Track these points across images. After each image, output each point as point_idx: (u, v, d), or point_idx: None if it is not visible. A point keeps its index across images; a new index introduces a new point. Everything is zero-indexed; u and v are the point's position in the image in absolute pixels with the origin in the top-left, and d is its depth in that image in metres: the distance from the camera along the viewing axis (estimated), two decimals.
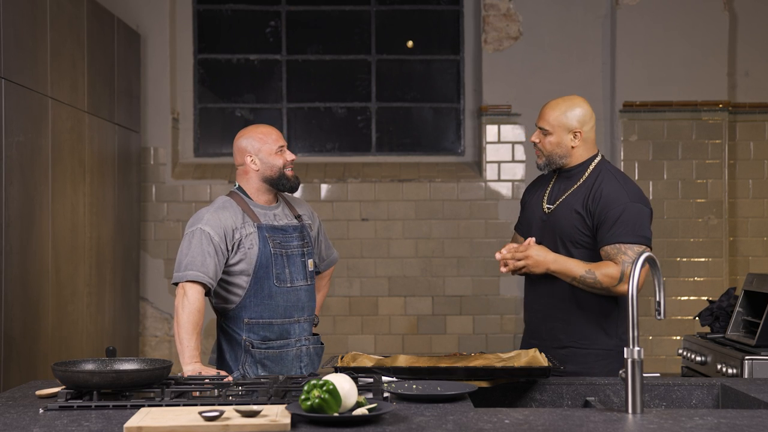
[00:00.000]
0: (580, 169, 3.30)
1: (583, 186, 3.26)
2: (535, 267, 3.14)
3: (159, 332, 6.22)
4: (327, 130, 6.63)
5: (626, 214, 3.14)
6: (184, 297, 3.15)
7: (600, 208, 3.17)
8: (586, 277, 3.12)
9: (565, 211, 3.25)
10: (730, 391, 2.83)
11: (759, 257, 6.22)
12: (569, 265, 3.14)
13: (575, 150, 3.28)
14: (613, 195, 3.18)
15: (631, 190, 3.23)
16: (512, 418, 2.29)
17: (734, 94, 6.23)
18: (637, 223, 3.15)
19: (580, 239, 3.21)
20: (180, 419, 2.19)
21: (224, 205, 3.34)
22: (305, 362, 3.38)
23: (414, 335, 6.26)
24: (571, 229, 3.22)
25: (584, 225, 3.21)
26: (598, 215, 3.17)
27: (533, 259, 3.13)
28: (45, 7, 4.52)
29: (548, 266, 3.14)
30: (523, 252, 3.14)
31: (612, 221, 3.14)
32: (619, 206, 3.15)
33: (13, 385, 3.95)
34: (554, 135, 3.27)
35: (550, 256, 3.15)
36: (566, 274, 3.14)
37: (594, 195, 3.20)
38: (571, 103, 3.30)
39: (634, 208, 3.17)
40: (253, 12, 6.60)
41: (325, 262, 3.64)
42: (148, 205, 6.24)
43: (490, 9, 6.25)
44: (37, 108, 4.42)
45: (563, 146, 3.27)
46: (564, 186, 3.32)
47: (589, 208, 3.20)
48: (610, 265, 3.12)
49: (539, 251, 3.15)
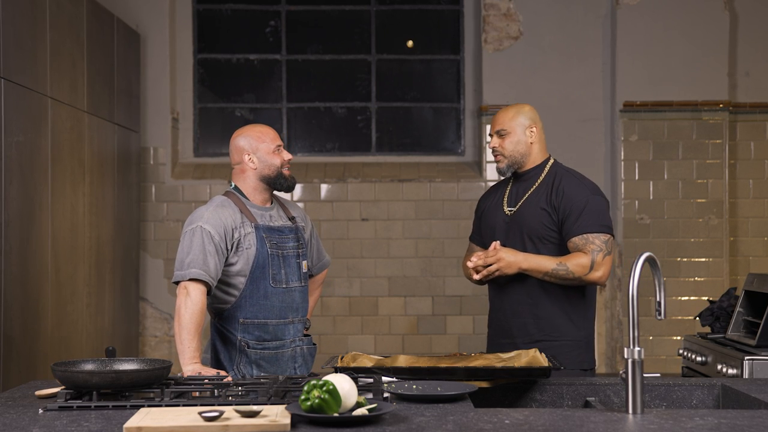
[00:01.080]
0: (536, 171, 3.44)
1: (544, 185, 3.39)
2: (507, 268, 3.25)
3: (159, 332, 6.22)
4: (327, 130, 6.63)
5: (589, 206, 3.28)
6: (187, 297, 3.14)
7: (564, 202, 3.30)
8: (558, 270, 3.23)
9: (530, 210, 3.37)
10: (731, 391, 2.82)
11: (759, 257, 6.22)
12: (540, 261, 3.25)
13: (533, 147, 3.43)
14: (575, 189, 3.33)
15: (590, 184, 3.38)
16: (512, 418, 2.28)
17: (735, 94, 6.23)
18: (600, 214, 3.29)
19: (547, 235, 3.33)
20: (180, 419, 2.18)
21: (223, 204, 3.33)
22: (299, 363, 3.38)
23: (414, 335, 6.26)
24: (537, 226, 3.33)
25: (550, 220, 3.32)
26: (563, 209, 3.30)
27: (505, 260, 3.24)
28: (44, 6, 4.51)
29: (520, 265, 3.25)
30: (493, 256, 3.25)
31: (577, 213, 3.27)
32: (581, 199, 3.29)
33: (13, 386, 3.95)
34: (512, 134, 3.43)
35: (520, 256, 3.26)
36: (538, 270, 3.25)
37: (557, 191, 3.34)
38: (520, 106, 3.50)
39: (596, 200, 3.31)
40: (252, 12, 6.60)
41: (318, 266, 3.64)
42: (147, 205, 6.23)
43: (490, 9, 6.25)
44: (36, 108, 4.41)
45: (522, 143, 3.43)
46: (522, 188, 3.45)
47: (554, 203, 3.32)
48: (580, 256, 3.24)
49: (508, 253, 3.26)
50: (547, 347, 3.26)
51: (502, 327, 3.43)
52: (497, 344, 3.42)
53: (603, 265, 3.23)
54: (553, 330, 3.32)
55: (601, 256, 3.23)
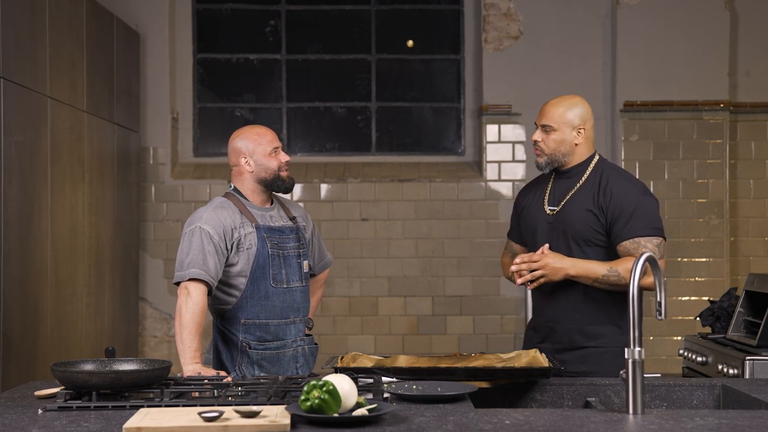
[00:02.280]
0: (580, 169, 3.26)
1: (588, 184, 3.22)
2: (553, 275, 3.10)
3: (158, 332, 6.21)
4: (327, 130, 6.62)
5: (640, 208, 3.12)
6: (188, 297, 3.13)
7: (612, 204, 3.14)
8: (609, 276, 3.08)
9: (575, 211, 3.20)
10: (731, 391, 2.82)
11: (760, 257, 6.21)
12: (589, 266, 3.10)
13: (578, 148, 3.25)
14: (624, 190, 3.16)
15: (639, 184, 3.22)
16: (513, 418, 2.28)
17: (735, 94, 6.22)
18: (651, 216, 3.13)
19: (594, 238, 3.18)
20: (179, 420, 2.18)
21: (222, 205, 3.33)
22: (301, 363, 3.38)
23: (414, 335, 6.26)
24: (583, 228, 3.18)
25: (597, 223, 3.17)
26: (612, 211, 3.14)
27: (551, 267, 3.08)
28: (44, 6, 4.51)
29: (567, 272, 3.10)
30: (538, 261, 3.09)
31: (627, 216, 3.11)
32: (631, 201, 3.13)
33: (12, 386, 3.94)
34: (558, 132, 3.23)
35: (567, 262, 3.10)
36: (587, 276, 3.10)
37: (604, 192, 3.17)
38: (574, 100, 3.29)
39: (647, 201, 3.16)
40: (252, 11, 6.59)
41: (319, 265, 3.63)
42: (147, 205, 6.23)
43: (490, 8, 6.25)
44: (36, 108, 4.41)
45: (567, 143, 3.24)
46: (565, 186, 3.27)
47: (601, 205, 3.16)
48: (632, 261, 3.07)
49: (555, 258, 3.10)
50: (593, 354, 3.17)
51: (544, 332, 3.29)
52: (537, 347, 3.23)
53: None
54: (598, 336, 3.19)
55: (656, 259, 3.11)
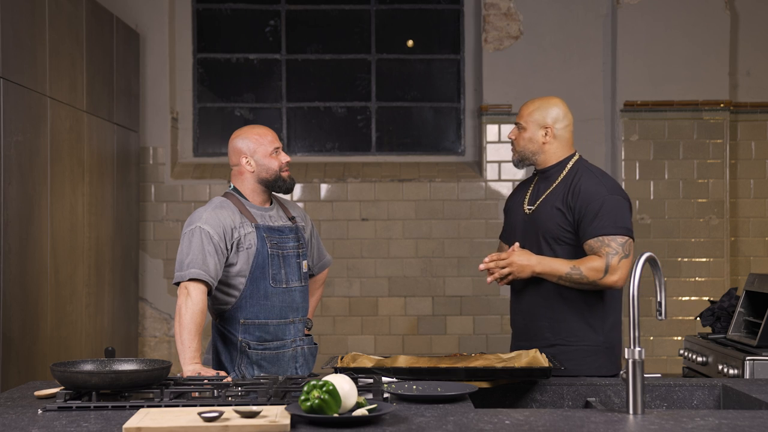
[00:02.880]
0: (557, 169, 3.34)
1: (562, 183, 3.29)
2: (520, 272, 3.18)
3: (158, 333, 6.21)
4: (327, 130, 6.62)
5: (606, 206, 3.17)
6: (188, 297, 3.13)
7: (580, 202, 3.20)
8: (572, 274, 3.14)
9: (546, 209, 3.28)
10: (732, 391, 2.82)
11: (760, 257, 6.21)
12: (554, 264, 3.17)
13: (547, 147, 3.33)
14: (592, 189, 3.21)
15: (609, 183, 3.26)
16: (513, 418, 2.28)
17: (735, 94, 6.22)
18: (617, 215, 3.18)
19: (563, 236, 3.24)
20: (179, 420, 2.18)
21: (222, 205, 3.33)
22: (300, 362, 3.38)
23: (414, 336, 6.25)
24: (553, 227, 3.24)
25: (565, 221, 3.23)
26: (579, 210, 3.20)
27: (517, 264, 3.17)
28: (44, 6, 4.51)
29: (533, 269, 3.18)
30: (506, 259, 3.18)
31: (593, 215, 3.17)
32: (598, 199, 3.18)
33: (12, 386, 3.94)
34: (528, 130, 3.33)
35: (534, 259, 3.18)
36: (552, 274, 3.17)
37: (573, 190, 3.23)
38: (548, 101, 3.37)
39: (613, 200, 3.20)
40: (252, 11, 6.59)
41: (318, 265, 3.63)
42: (147, 205, 6.23)
43: (490, 8, 6.24)
44: (35, 107, 4.41)
45: (535, 142, 3.33)
46: (543, 186, 3.35)
47: (569, 203, 3.23)
48: (594, 259, 3.14)
49: (521, 256, 3.18)
50: (563, 351, 3.20)
51: (520, 330, 3.36)
52: (517, 347, 3.34)
53: (619, 269, 3.12)
54: (569, 335, 3.23)
55: (617, 259, 3.12)
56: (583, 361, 3.21)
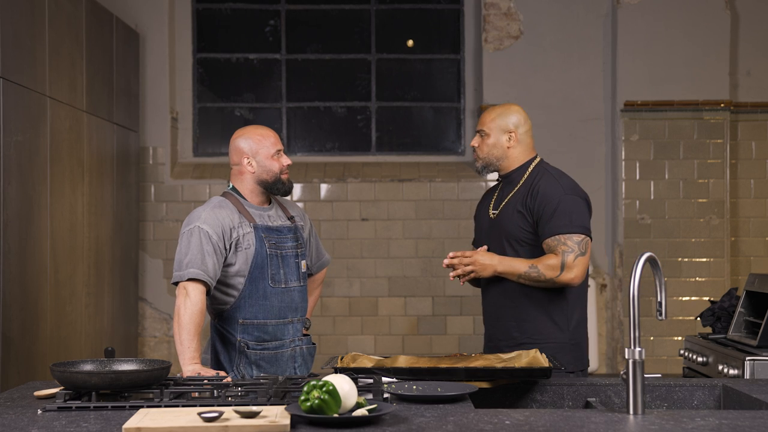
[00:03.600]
0: (519, 173, 3.42)
1: (523, 186, 3.38)
2: (482, 271, 3.25)
3: (158, 333, 6.21)
4: (327, 130, 6.62)
5: (562, 206, 3.25)
6: (187, 297, 3.13)
7: (537, 203, 3.28)
8: (530, 272, 3.22)
9: (509, 213, 3.36)
10: (732, 391, 2.81)
11: (761, 257, 6.21)
12: (513, 264, 3.25)
13: (511, 151, 3.41)
14: (549, 190, 3.29)
15: (566, 183, 3.34)
16: (513, 418, 2.28)
17: (736, 94, 6.22)
18: (573, 214, 3.25)
19: (525, 237, 3.31)
20: (179, 420, 2.17)
21: (220, 204, 3.32)
22: (299, 362, 3.37)
23: (414, 336, 6.25)
24: (515, 229, 3.32)
25: (526, 223, 3.31)
26: (537, 211, 3.28)
27: (480, 263, 3.25)
28: (43, 6, 4.50)
29: (495, 268, 3.25)
30: (469, 258, 3.25)
31: (549, 214, 3.25)
32: (554, 199, 3.27)
33: (12, 386, 3.94)
34: (491, 136, 3.41)
35: (495, 259, 3.26)
36: (512, 273, 3.25)
37: (532, 192, 3.32)
38: (508, 108, 3.46)
39: (569, 199, 3.28)
40: (252, 11, 6.58)
41: (317, 265, 3.62)
42: (146, 205, 6.22)
43: (490, 8, 6.24)
44: (35, 107, 4.40)
45: (499, 147, 3.40)
46: (507, 190, 3.44)
47: (528, 205, 3.31)
48: (551, 257, 3.22)
49: (484, 256, 3.26)
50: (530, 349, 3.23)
51: (489, 331, 3.44)
52: (488, 347, 3.43)
53: (575, 267, 3.18)
54: (534, 333, 3.29)
55: (572, 257, 3.19)
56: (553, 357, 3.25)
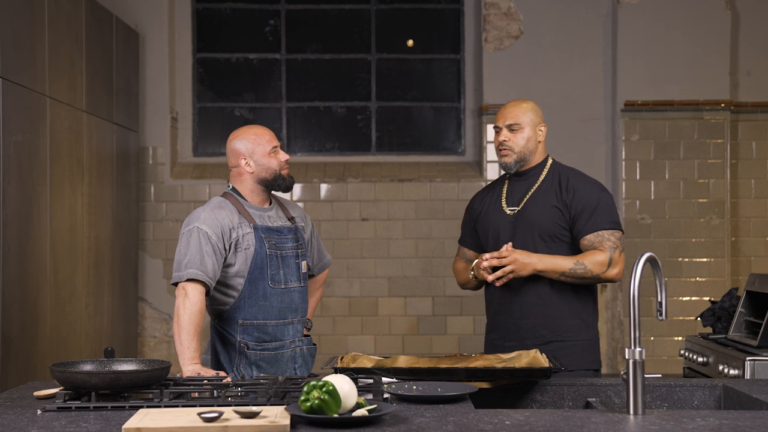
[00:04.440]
0: (536, 170, 3.41)
1: (548, 183, 3.37)
2: (522, 270, 3.21)
3: (158, 333, 6.20)
4: (327, 130, 6.61)
5: (602, 203, 3.29)
6: (186, 298, 3.12)
7: (576, 200, 3.29)
8: (576, 269, 3.21)
9: (539, 208, 3.33)
10: (732, 392, 2.81)
11: (761, 257, 6.20)
12: (555, 261, 3.22)
13: (540, 146, 3.42)
14: (586, 187, 3.32)
15: (596, 182, 3.39)
16: (513, 419, 2.27)
17: (736, 94, 6.21)
18: (611, 211, 3.30)
19: (559, 233, 3.30)
20: (179, 420, 2.17)
21: (220, 205, 3.32)
22: (299, 363, 3.37)
23: (414, 336, 6.25)
24: (548, 224, 3.30)
25: (562, 218, 3.30)
26: (575, 207, 3.28)
27: (520, 262, 3.20)
28: (43, 5, 4.50)
29: (535, 267, 3.21)
30: (508, 257, 3.20)
31: (590, 211, 3.27)
32: (593, 197, 3.29)
33: (11, 386, 3.93)
34: (526, 129, 3.38)
35: (534, 257, 3.22)
36: (554, 270, 3.22)
37: (567, 188, 3.32)
38: (533, 103, 3.46)
39: (606, 197, 3.32)
40: (252, 11, 6.58)
41: (318, 266, 3.62)
42: (146, 205, 6.22)
43: (490, 8, 6.24)
44: (35, 107, 4.40)
45: (533, 140, 3.39)
46: (523, 186, 3.40)
47: (566, 201, 3.30)
48: (597, 253, 3.23)
49: (522, 254, 3.22)
50: (559, 348, 3.24)
51: (509, 330, 3.36)
52: (502, 347, 3.34)
53: (619, 262, 3.25)
54: (564, 331, 3.29)
55: (617, 252, 3.24)
56: (578, 356, 3.27)
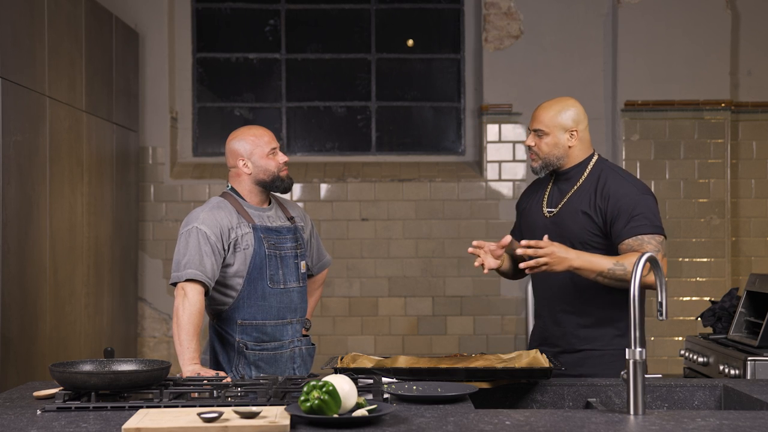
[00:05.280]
0: (578, 170, 3.25)
1: (586, 186, 3.22)
2: (557, 264, 2.98)
3: (157, 333, 6.20)
4: (327, 130, 6.61)
5: (640, 206, 3.10)
6: (185, 298, 3.12)
7: (611, 204, 3.13)
8: (615, 270, 3.02)
9: (571, 213, 3.19)
10: (733, 392, 2.81)
11: (761, 257, 6.20)
12: (594, 259, 3.03)
13: (572, 150, 3.24)
14: (623, 190, 3.14)
15: (637, 183, 3.21)
16: (513, 419, 2.27)
17: (737, 93, 6.21)
18: (652, 215, 3.12)
19: (591, 240, 3.15)
20: (178, 420, 2.17)
21: (219, 205, 3.32)
22: (298, 363, 3.37)
23: (414, 336, 6.24)
24: (580, 231, 3.16)
25: (593, 225, 3.15)
26: (611, 212, 3.12)
27: (557, 255, 2.97)
28: (43, 5, 4.50)
29: (571, 263, 3.00)
30: (545, 248, 2.97)
31: (628, 215, 3.09)
32: (631, 200, 3.11)
33: (11, 386, 3.93)
34: (551, 135, 3.22)
35: (572, 253, 3.02)
36: (591, 269, 3.02)
37: (602, 193, 3.16)
38: (565, 103, 3.27)
39: (647, 200, 3.14)
40: (252, 10, 6.58)
41: (318, 266, 3.61)
42: (146, 205, 6.22)
43: (490, 7, 6.23)
44: (34, 107, 4.40)
45: (560, 146, 3.23)
46: (564, 188, 3.27)
47: (599, 206, 3.15)
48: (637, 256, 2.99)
49: (561, 248, 3.00)
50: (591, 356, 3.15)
51: (543, 335, 3.28)
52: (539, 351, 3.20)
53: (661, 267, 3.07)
54: (595, 339, 3.17)
55: (659, 257, 3.03)
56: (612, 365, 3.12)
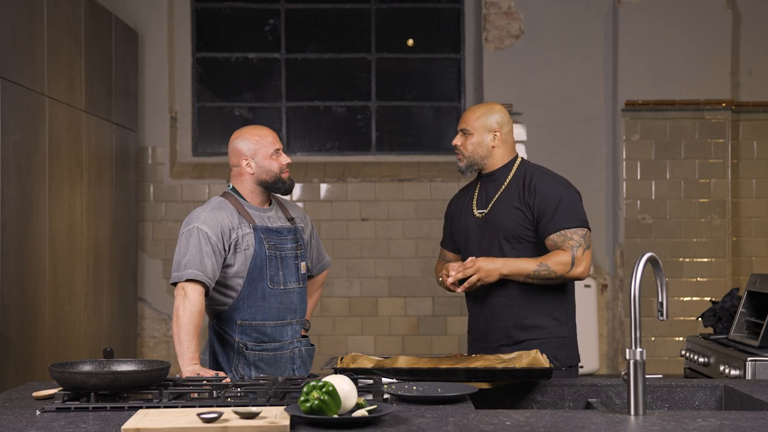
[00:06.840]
0: (503, 172, 3.42)
1: (514, 184, 3.38)
2: (488, 277, 3.23)
3: (157, 333, 6.20)
4: (326, 129, 6.61)
5: (563, 202, 3.28)
6: (185, 298, 3.12)
7: (537, 200, 3.29)
8: (539, 271, 3.22)
9: (503, 210, 3.35)
10: (733, 392, 2.81)
11: (762, 257, 6.20)
12: (519, 264, 3.24)
13: (495, 150, 3.42)
14: (547, 187, 3.32)
15: (561, 180, 3.38)
16: (513, 419, 2.27)
17: (737, 93, 6.21)
18: (574, 209, 3.29)
19: (523, 234, 3.31)
20: (178, 421, 2.17)
21: (220, 205, 3.31)
22: (297, 364, 3.37)
23: (414, 336, 6.24)
24: (512, 226, 3.32)
25: (525, 219, 3.31)
26: (537, 208, 3.29)
27: (484, 270, 3.22)
28: (42, 5, 4.49)
29: (500, 272, 3.23)
30: (471, 267, 3.22)
31: (552, 211, 3.27)
32: (554, 196, 3.28)
33: (10, 387, 3.93)
34: (475, 135, 3.41)
35: (498, 262, 3.24)
36: (519, 273, 3.23)
37: (529, 189, 3.33)
38: (492, 107, 3.47)
39: (569, 194, 3.31)
40: (251, 10, 6.57)
41: (318, 266, 3.61)
42: (146, 205, 6.21)
43: (491, 7, 6.23)
44: (34, 107, 4.39)
45: (484, 146, 3.41)
46: (491, 189, 3.43)
47: (527, 201, 3.31)
48: (560, 254, 3.23)
49: (486, 261, 3.24)
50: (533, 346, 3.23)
51: (482, 333, 3.42)
52: (478, 349, 3.40)
53: (584, 260, 3.23)
54: (535, 329, 3.30)
55: (581, 251, 3.23)
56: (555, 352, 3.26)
